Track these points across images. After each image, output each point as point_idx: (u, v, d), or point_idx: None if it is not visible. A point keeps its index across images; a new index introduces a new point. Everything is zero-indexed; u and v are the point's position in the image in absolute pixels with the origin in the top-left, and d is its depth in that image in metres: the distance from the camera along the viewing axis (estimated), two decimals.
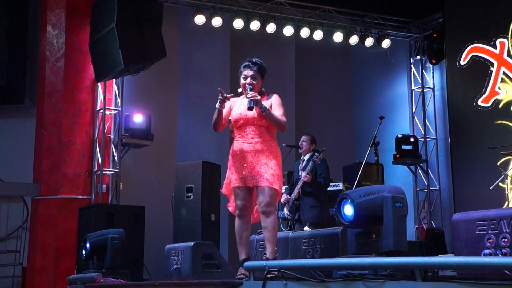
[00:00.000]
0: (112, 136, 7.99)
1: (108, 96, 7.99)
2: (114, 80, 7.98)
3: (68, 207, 7.56)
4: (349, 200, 3.44)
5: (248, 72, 4.21)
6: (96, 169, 7.79)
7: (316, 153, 6.22)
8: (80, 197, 7.69)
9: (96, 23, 7.43)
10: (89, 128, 7.91)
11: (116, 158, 7.93)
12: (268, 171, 4.08)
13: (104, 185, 7.79)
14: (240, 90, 4.39)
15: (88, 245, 5.67)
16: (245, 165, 4.12)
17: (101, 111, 7.88)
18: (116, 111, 8.04)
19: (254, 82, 4.18)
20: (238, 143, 4.19)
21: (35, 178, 7.76)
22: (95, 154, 7.84)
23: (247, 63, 4.26)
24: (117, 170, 7.91)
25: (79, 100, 7.88)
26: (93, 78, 7.85)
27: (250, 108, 4.10)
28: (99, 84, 7.90)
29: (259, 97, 4.12)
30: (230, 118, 4.29)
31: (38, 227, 7.50)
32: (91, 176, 7.81)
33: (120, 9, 6.79)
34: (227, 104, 4.28)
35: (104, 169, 7.77)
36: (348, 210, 3.46)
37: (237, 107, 4.28)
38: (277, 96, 4.29)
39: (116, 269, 5.49)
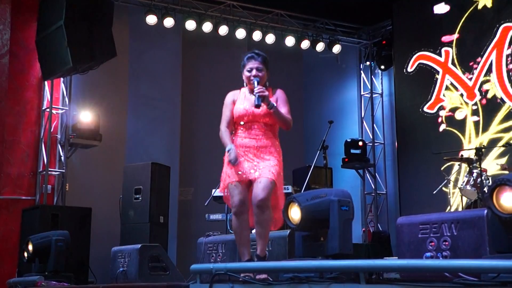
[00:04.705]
0: (58, 136, 7.80)
1: (55, 95, 7.80)
2: (61, 79, 7.80)
3: (11, 208, 7.33)
4: (296, 204, 3.46)
5: (253, 64, 3.95)
6: (41, 170, 7.59)
7: None
8: (23, 198, 7.47)
9: (43, 19, 7.23)
10: (34, 127, 7.71)
11: (62, 158, 7.75)
12: (270, 165, 3.84)
13: (49, 186, 7.59)
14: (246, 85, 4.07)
15: (30, 248, 5.51)
16: (244, 159, 3.85)
17: (48, 110, 7.68)
18: (64, 111, 7.85)
19: (260, 74, 3.95)
20: (241, 138, 3.93)
21: None
22: (41, 154, 7.64)
23: (250, 55, 3.99)
24: (63, 171, 7.73)
25: (25, 99, 7.66)
26: (39, 76, 7.64)
27: (257, 106, 3.82)
28: (46, 82, 7.70)
29: (267, 93, 3.86)
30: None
31: None
32: (35, 176, 7.60)
33: (68, 6, 6.64)
34: (229, 99, 4.03)
35: (49, 169, 7.57)
36: (295, 213, 3.48)
37: (241, 102, 3.99)
38: (283, 92, 4.06)
39: (59, 272, 5.36)
